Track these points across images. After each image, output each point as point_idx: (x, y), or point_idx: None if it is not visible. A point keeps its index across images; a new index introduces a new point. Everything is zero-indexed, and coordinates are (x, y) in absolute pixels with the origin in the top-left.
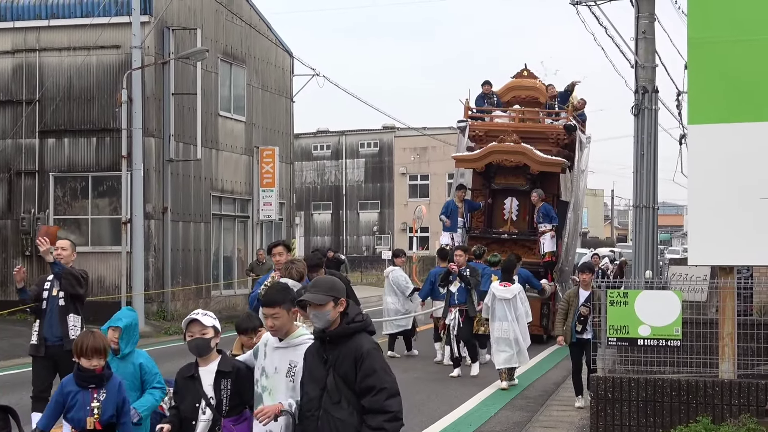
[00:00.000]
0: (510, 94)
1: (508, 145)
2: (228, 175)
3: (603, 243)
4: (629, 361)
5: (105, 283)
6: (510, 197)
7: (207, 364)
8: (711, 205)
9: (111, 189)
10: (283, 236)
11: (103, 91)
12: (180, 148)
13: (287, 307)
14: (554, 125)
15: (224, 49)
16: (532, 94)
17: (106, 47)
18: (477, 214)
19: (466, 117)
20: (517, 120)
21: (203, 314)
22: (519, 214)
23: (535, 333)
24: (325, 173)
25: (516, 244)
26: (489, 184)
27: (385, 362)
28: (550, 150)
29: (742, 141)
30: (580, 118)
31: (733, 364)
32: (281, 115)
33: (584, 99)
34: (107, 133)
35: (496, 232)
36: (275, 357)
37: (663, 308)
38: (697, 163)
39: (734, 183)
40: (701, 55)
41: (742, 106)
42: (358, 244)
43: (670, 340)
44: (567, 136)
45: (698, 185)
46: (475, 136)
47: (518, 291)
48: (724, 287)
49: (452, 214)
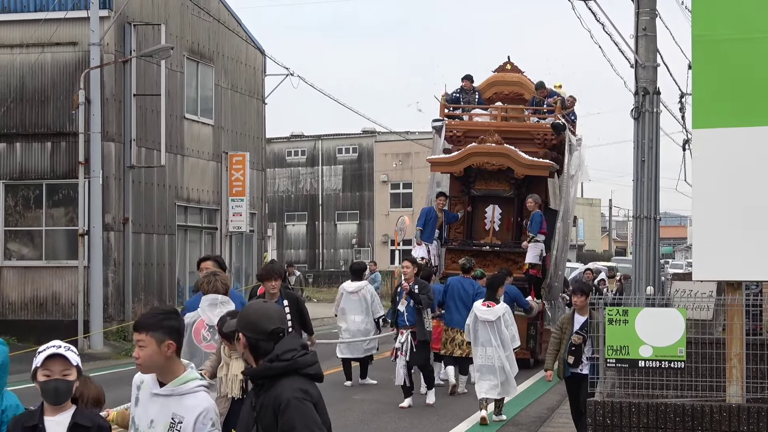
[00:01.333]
0: (491, 90)
1: (490, 147)
2: (194, 183)
3: (600, 257)
4: (629, 385)
5: (60, 301)
6: (492, 205)
7: (57, 414)
8: (717, 216)
9: (67, 198)
10: (254, 249)
11: (59, 91)
12: (142, 154)
13: (158, 337)
14: (541, 124)
15: (190, 46)
16: (516, 90)
17: (61, 44)
18: (455, 225)
19: (442, 116)
20: (500, 118)
21: (66, 348)
22: (502, 223)
23: (521, 357)
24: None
25: (499, 257)
26: (468, 190)
27: (313, 415)
28: (537, 152)
29: (752, 146)
30: (569, 118)
31: (741, 387)
32: (252, 118)
33: (574, 96)
34: (63, 138)
35: (477, 243)
36: (152, 407)
37: (666, 327)
38: (702, 171)
39: (743, 192)
40: (707, 54)
41: (751, 109)
42: (335, 257)
43: (674, 362)
44: (555, 136)
45: (703, 194)
46: (453, 136)
47: (503, 312)
48: (731, 304)
49: (431, 224)
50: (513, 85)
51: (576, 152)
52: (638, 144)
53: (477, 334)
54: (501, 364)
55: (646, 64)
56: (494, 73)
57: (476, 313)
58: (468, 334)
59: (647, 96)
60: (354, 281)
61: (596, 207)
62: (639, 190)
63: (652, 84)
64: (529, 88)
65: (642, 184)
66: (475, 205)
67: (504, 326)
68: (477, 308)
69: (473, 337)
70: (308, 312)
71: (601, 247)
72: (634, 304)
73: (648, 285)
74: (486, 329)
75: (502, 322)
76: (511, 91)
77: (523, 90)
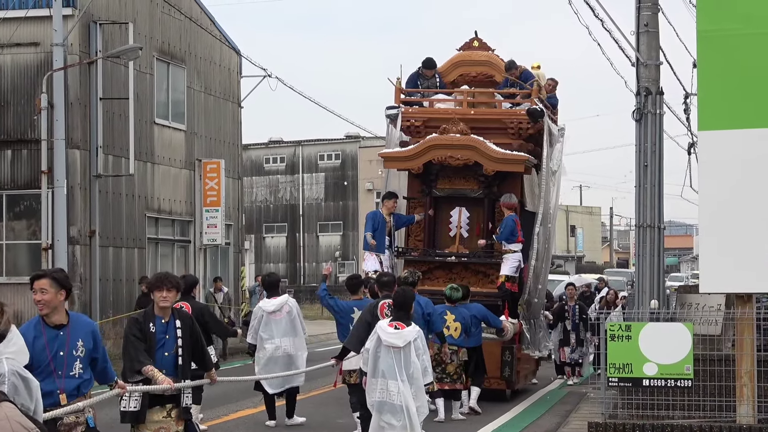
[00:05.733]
0: (456, 71)
1: (454, 138)
2: (166, 193)
3: (599, 269)
4: (633, 405)
5: (23, 320)
6: (458, 207)
7: None
8: (725, 224)
9: (29, 209)
10: (230, 263)
11: (20, 95)
12: (110, 162)
13: None
14: (515, 111)
15: (160, 46)
16: (486, 71)
17: (22, 45)
18: (415, 230)
19: (397, 102)
20: (466, 105)
21: None
22: (471, 229)
23: (495, 388)
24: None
25: (467, 269)
26: (429, 190)
27: None
28: (510, 143)
29: (762, 149)
30: (549, 103)
31: (752, 407)
32: (227, 123)
33: (555, 79)
34: (24, 145)
35: (441, 253)
36: None
37: (672, 343)
38: (709, 175)
39: (753, 198)
40: (712, 51)
41: (760, 109)
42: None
43: (681, 380)
44: (531, 124)
45: (710, 200)
46: (411, 126)
47: (414, 337)
48: (741, 318)
49: (380, 230)
50: (481, 65)
51: (558, 144)
52: (640, 147)
53: (377, 362)
54: (405, 403)
55: (648, 63)
56: (459, 51)
57: (379, 334)
58: (365, 361)
59: (649, 96)
60: (271, 298)
61: (596, 216)
62: (641, 197)
63: (655, 83)
64: (500, 68)
65: (644, 191)
66: (438, 207)
67: (414, 355)
68: (381, 328)
69: (371, 366)
70: (204, 342)
71: (602, 258)
72: (638, 319)
73: (652, 298)
74: (391, 356)
75: (413, 349)
76: (480, 73)
77: (494, 71)
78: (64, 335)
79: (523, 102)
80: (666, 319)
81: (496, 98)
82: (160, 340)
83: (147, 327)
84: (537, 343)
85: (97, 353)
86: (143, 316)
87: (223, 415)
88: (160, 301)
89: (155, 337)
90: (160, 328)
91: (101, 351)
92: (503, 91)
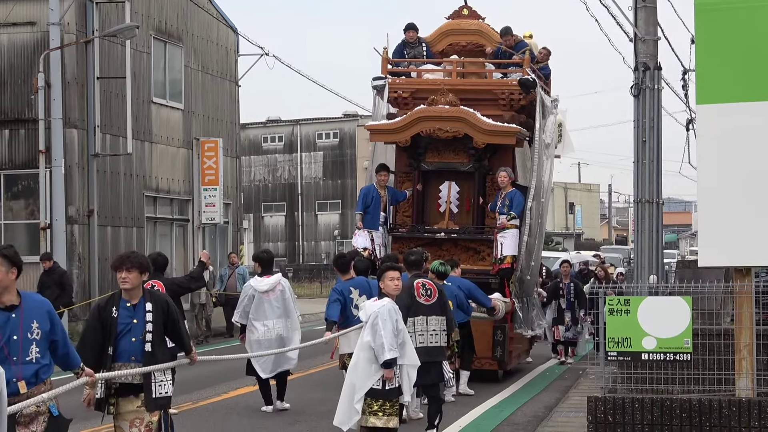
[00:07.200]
0: (445, 41)
1: (442, 109)
2: (164, 172)
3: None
4: (632, 379)
5: None
6: (447, 181)
7: None
8: (723, 197)
9: (27, 189)
10: (229, 242)
11: (16, 75)
12: (107, 141)
13: None
14: (506, 81)
15: (157, 25)
16: (475, 40)
17: (18, 24)
18: (403, 206)
19: (384, 73)
20: (455, 75)
21: None
22: (461, 204)
23: (486, 368)
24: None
25: (457, 246)
26: (418, 164)
27: None
28: (501, 115)
29: (760, 122)
30: (542, 74)
31: (751, 380)
32: (225, 102)
33: (548, 48)
34: (21, 125)
35: (430, 230)
36: None
37: (670, 317)
38: (706, 150)
39: (751, 171)
40: (710, 23)
41: (758, 82)
42: (316, 250)
43: (680, 354)
44: (523, 95)
45: (708, 174)
46: (398, 98)
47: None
48: (740, 292)
49: (373, 206)
50: (471, 34)
51: (551, 116)
52: (638, 123)
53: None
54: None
55: (646, 38)
56: (448, 20)
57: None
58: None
59: (647, 72)
60: (263, 276)
61: (595, 193)
62: (640, 173)
63: (653, 59)
64: (491, 37)
65: (643, 166)
66: (427, 182)
67: None
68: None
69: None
70: (183, 322)
71: (601, 235)
72: (637, 294)
73: (651, 274)
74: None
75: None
76: (469, 42)
77: (484, 40)
78: (17, 317)
79: (515, 72)
80: (665, 294)
81: (487, 68)
82: (125, 325)
83: (108, 312)
84: (530, 322)
85: (55, 335)
86: (107, 301)
87: (207, 398)
88: (120, 283)
89: (116, 322)
90: (125, 312)
91: (60, 333)
92: (494, 61)
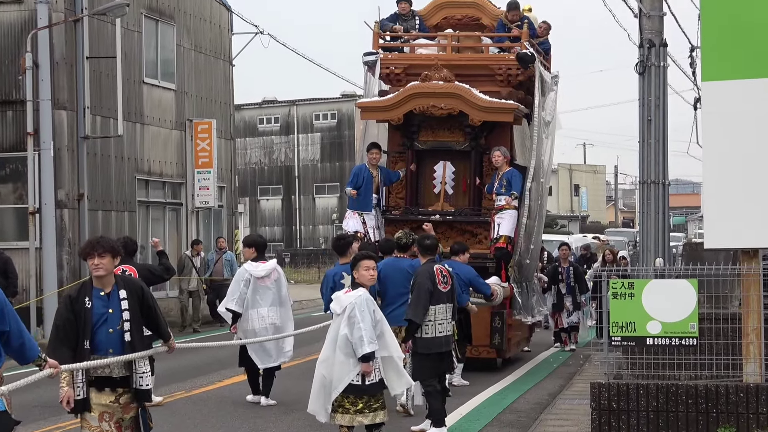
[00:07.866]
0: (439, 14)
1: (437, 85)
2: (156, 155)
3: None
4: (637, 365)
5: None
6: (442, 161)
7: None
8: (731, 177)
9: (15, 173)
10: (224, 226)
11: (3, 55)
12: (97, 123)
13: None
14: (503, 56)
15: (148, 3)
16: (471, 13)
17: (5, 2)
18: (396, 187)
19: (376, 48)
20: (450, 50)
21: None
22: (456, 185)
23: (484, 357)
24: (273, 151)
25: (453, 228)
26: (411, 143)
27: None
28: (498, 91)
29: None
30: (542, 49)
31: (759, 365)
32: (219, 82)
33: (548, 22)
34: (9, 106)
35: (424, 212)
36: None
37: (676, 301)
38: (713, 128)
39: (759, 150)
40: None
41: (766, 58)
42: (314, 235)
43: (685, 339)
44: (522, 71)
45: (715, 153)
46: (391, 74)
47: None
48: (747, 274)
49: (365, 187)
50: (467, 7)
51: (552, 93)
52: (644, 102)
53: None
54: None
55: (651, 13)
56: None
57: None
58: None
59: (653, 48)
60: (258, 261)
61: (600, 174)
62: (645, 153)
63: (658, 35)
64: (488, 11)
65: (648, 146)
66: (421, 162)
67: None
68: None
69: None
70: (158, 308)
71: (607, 218)
72: (642, 277)
73: (657, 257)
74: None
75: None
76: (465, 15)
77: (481, 13)
78: None
79: (513, 46)
80: (671, 277)
81: (483, 42)
82: (101, 316)
83: (81, 303)
84: (530, 308)
85: (5, 326)
86: (77, 291)
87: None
88: (93, 270)
89: (91, 313)
90: (99, 302)
91: (12, 323)
92: (490, 34)
